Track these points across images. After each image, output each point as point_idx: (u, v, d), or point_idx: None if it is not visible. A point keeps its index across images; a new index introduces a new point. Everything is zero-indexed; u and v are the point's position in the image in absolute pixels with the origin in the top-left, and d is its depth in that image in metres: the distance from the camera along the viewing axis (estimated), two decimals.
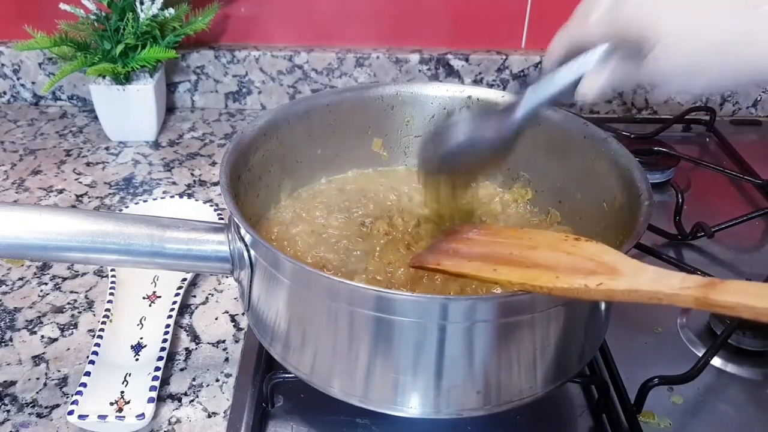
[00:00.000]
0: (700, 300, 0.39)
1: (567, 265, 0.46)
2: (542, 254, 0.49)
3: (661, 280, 0.41)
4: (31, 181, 0.92)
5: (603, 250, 0.47)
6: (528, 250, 0.50)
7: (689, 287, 0.40)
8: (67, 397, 0.61)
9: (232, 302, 0.73)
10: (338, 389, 0.52)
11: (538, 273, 0.46)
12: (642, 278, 0.42)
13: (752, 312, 0.37)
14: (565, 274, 0.45)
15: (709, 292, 0.39)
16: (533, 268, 0.47)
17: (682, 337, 0.69)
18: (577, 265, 0.46)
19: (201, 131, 1.06)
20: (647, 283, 0.42)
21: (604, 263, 0.45)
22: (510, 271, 0.48)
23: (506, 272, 0.48)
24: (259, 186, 0.65)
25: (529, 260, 0.49)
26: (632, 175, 0.58)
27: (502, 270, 0.48)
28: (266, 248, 0.50)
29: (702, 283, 0.40)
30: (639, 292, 0.42)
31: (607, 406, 0.60)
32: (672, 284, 0.41)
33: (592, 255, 0.46)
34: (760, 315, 0.37)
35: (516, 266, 0.48)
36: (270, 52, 1.07)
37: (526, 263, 0.48)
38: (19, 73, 1.09)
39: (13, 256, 0.55)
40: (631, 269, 0.44)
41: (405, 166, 0.75)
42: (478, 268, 0.50)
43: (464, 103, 0.71)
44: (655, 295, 0.41)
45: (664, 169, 0.93)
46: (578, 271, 0.45)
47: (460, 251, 0.53)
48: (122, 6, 0.94)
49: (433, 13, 1.06)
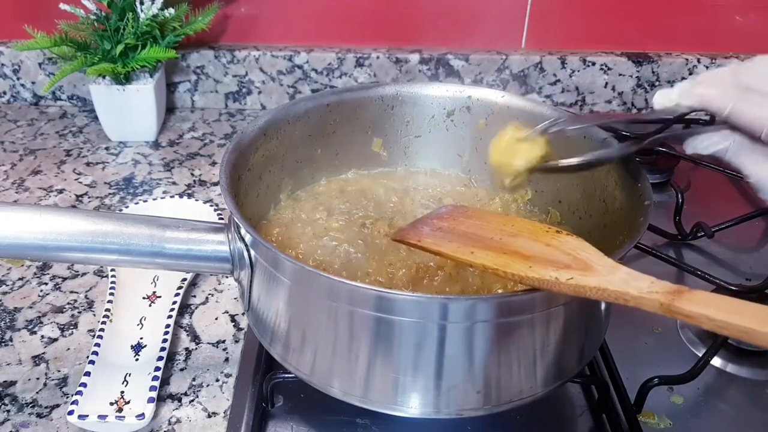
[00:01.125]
0: (664, 306, 0.39)
1: (543, 256, 0.47)
2: (522, 242, 0.49)
3: (631, 282, 0.42)
4: (31, 181, 0.92)
5: (581, 245, 0.47)
6: (509, 236, 0.50)
7: (656, 292, 0.40)
8: (67, 397, 0.61)
9: (232, 302, 0.73)
10: (338, 389, 0.52)
11: (513, 260, 0.47)
12: (613, 277, 0.43)
13: (712, 324, 0.37)
14: (539, 264, 0.46)
15: (674, 300, 0.39)
16: (510, 255, 0.48)
17: (682, 337, 0.69)
18: (553, 258, 0.46)
19: (201, 131, 1.06)
20: (617, 283, 0.42)
21: (580, 259, 0.45)
22: (486, 255, 0.48)
23: (482, 256, 0.48)
24: (259, 186, 0.65)
25: (508, 247, 0.49)
26: (632, 175, 0.58)
27: (479, 254, 0.49)
28: (266, 248, 0.50)
29: (669, 289, 0.40)
30: (607, 291, 0.42)
31: (607, 406, 0.60)
32: (640, 287, 0.41)
33: (570, 249, 0.47)
34: (720, 327, 0.37)
35: (493, 251, 0.49)
36: (270, 52, 1.07)
37: (504, 249, 0.49)
38: (19, 73, 1.09)
39: (13, 256, 0.54)
40: (605, 267, 0.44)
41: (405, 166, 0.75)
42: (456, 249, 0.50)
43: (464, 103, 0.71)
44: (622, 295, 0.41)
45: (664, 169, 0.93)
46: (553, 263, 0.46)
47: (442, 229, 0.54)
48: (122, 6, 0.94)
49: (433, 13, 1.06)
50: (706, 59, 1.10)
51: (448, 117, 0.72)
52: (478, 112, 0.71)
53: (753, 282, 0.75)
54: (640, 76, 1.10)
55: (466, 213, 0.56)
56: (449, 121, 0.72)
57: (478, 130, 0.72)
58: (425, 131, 0.73)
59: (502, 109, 0.70)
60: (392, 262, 0.62)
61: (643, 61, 1.09)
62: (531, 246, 0.48)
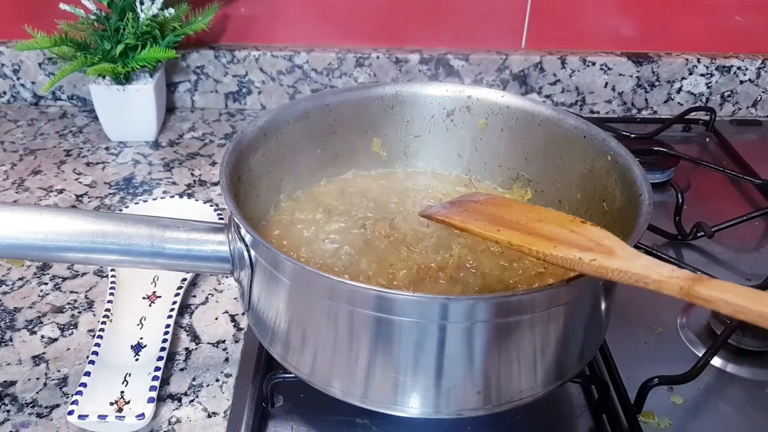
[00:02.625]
0: (684, 290, 0.40)
1: (567, 240, 0.48)
2: (547, 227, 0.51)
3: (652, 267, 0.43)
4: (31, 181, 0.92)
5: (605, 235, 0.48)
6: (535, 222, 0.52)
7: (677, 277, 0.41)
8: (67, 397, 0.61)
9: (232, 302, 0.73)
10: (338, 389, 0.52)
11: (537, 240, 0.49)
12: (634, 263, 0.44)
13: (730, 308, 0.39)
14: (564, 245, 0.47)
15: (695, 284, 0.40)
16: (533, 235, 0.49)
17: (682, 337, 0.69)
18: (577, 242, 0.48)
19: (201, 131, 1.06)
20: (638, 267, 0.43)
21: (603, 245, 0.47)
22: (511, 233, 0.50)
23: (507, 234, 0.50)
24: (259, 186, 0.65)
25: (533, 230, 0.50)
26: (632, 175, 0.58)
27: (505, 231, 0.50)
28: (266, 248, 0.50)
29: (690, 276, 0.41)
30: (629, 273, 0.43)
31: (607, 406, 0.60)
32: (661, 272, 0.42)
33: (594, 237, 0.48)
34: (737, 312, 0.38)
35: (519, 231, 0.50)
36: (270, 52, 1.07)
37: (529, 231, 0.50)
38: (19, 73, 1.09)
39: (13, 256, 0.54)
40: (628, 254, 0.45)
41: (405, 166, 0.75)
42: (482, 226, 0.52)
43: (464, 103, 0.71)
44: (642, 278, 0.43)
45: (664, 169, 0.93)
46: (577, 246, 0.47)
47: (469, 209, 0.56)
48: (122, 6, 0.94)
49: (433, 13, 1.06)
50: (706, 59, 1.10)
51: (448, 117, 0.72)
52: (478, 112, 0.71)
53: (753, 282, 0.75)
54: (640, 76, 1.10)
55: (493, 200, 0.58)
56: (449, 121, 0.72)
57: (478, 130, 0.72)
58: (425, 131, 0.73)
59: (502, 109, 0.70)
60: (393, 262, 0.62)
61: (643, 61, 1.09)
62: (556, 231, 0.50)
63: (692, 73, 1.10)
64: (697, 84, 1.11)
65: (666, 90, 1.12)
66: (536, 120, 0.68)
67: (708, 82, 1.11)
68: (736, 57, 1.11)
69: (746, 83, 1.12)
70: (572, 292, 0.49)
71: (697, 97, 1.12)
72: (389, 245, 0.64)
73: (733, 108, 1.14)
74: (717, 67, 1.10)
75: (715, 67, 1.10)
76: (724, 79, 1.11)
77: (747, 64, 1.10)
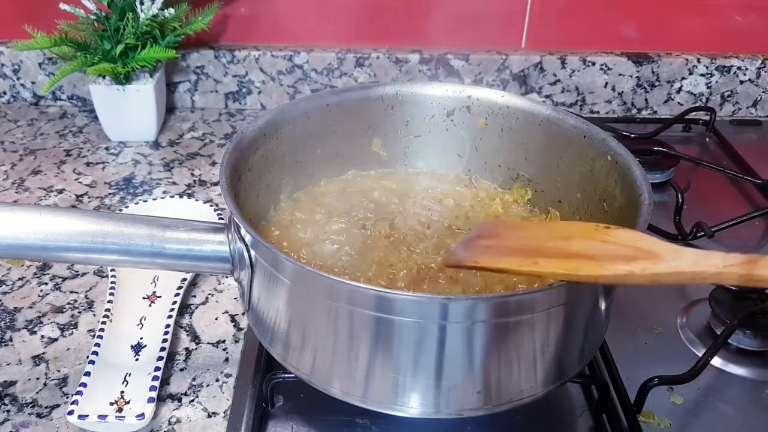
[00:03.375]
0: (745, 276, 0.40)
1: (605, 253, 0.46)
2: (577, 244, 0.48)
3: (703, 261, 0.42)
4: (31, 181, 0.92)
5: (636, 236, 0.47)
6: (561, 241, 0.49)
7: (732, 265, 0.41)
8: (67, 397, 0.61)
9: (232, 302, 0.73)
10: (338, 389, 0.52)
11: (579, 263, 0.46)
12: (683, 261, 0.43)
13: None
14: (607, 261, 0.45)
15: (753, 268, 0.40)
16: (572, 258, 0.47)
17: (682, 337, 0.69)
18: (616, 253, 0.46)
19: (201, 131, 1.06)
20: (690, 265, 0.42)
21: (641, 248, 0.45)
22: (550, 263, 0.47)
23: (547, 264, 0.47)
24: (259, 186, 0.65)
25: (566, 251, 0.48)
26: (632, 175, 0.58)
27: (542, 262, 0.47)
28: (266, 248, 0.50)
29: (744, 260, 0.40)
30: (684, 273, 0.42)
31: (607, 406, 0.60)
32: (715, 264, 0.41)
33: (626, 241, 0.46)
34: None
35: (554, 257, 0.47)
36: (270, 52, 1.07)
37: (563, 254, 0.48)
38: (19, 73, 1.09)
39: (13, 256, 0.54)
40: (670, 252, 0.44)
41: (405, 166, 0.75)
42: (517, 263, 0.48)
43: (464, 103, 0.71)
44: (699, 275, 0.42)
45: (664, 169, 0.93)
46: (618, 258, 0.45)
47: (492, 247, 0.52)
48: (122, 6, 0.94)
49: (433, 13, 1.06)
50: (706, 59, 1.10)
51: (447, 117, 0.72)
52: (478, 112, 0.71)
53: None
54: (640, 76, 1.10)
55: (506, 226, 0.55)
56: (449, 121, 0.72)
57: (478, 130, 0.72)
58: (425, 131, 0.73)
59: (502, 109, 0.70)
60: (393, 263, 0.62)
61: (643, 61, 1.09)
62: (588, 246, 0.47)
63: (692, 73, 1.10)
64: (697, 84, 1.11)
65: (666, 90, 1.12)
66: (536, 120, 0.68)
67: (708, 82, 1.11)
68: (736, 57, 1.11)
69: (746, 83, 1.12)
70: (572, 292, 0.49)
71: (697, 97, 1.12)
72: (389, 245, 0.64)
73: (733, 108, 1.14)
74: (717, 67, 1.10)
75: (715, 67, 1.10)
76: (724, 79, 1.11)
77: (747, 64, 1.10)
